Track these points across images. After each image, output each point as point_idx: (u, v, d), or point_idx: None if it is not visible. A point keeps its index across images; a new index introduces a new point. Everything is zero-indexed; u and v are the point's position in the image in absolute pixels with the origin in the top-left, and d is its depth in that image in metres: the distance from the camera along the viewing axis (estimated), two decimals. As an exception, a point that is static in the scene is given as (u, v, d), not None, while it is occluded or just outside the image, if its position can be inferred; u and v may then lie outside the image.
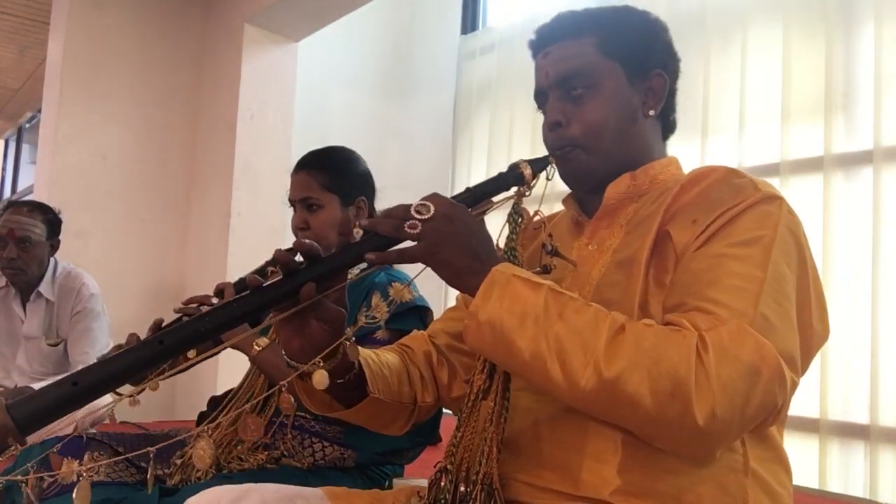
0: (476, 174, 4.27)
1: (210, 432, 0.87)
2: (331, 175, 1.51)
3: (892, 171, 2.56)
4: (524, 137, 3.92)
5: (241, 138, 3.66)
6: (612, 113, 0.92)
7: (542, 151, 0.96)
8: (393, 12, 4.38)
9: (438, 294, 3.76)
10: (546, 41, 0.97)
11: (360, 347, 0.91)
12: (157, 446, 0.75)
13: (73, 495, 0.69)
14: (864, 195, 2.60)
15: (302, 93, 3.89)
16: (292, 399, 0.79)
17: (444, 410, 1.55)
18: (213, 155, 3.84)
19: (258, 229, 3.63)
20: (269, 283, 0.77)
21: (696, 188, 0.86)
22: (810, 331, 0.80)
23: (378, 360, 0.93)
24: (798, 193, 2.74)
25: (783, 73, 2.84)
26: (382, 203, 1.62)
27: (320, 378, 0.80)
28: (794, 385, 0.75)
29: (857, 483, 2.55)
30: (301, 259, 0.80)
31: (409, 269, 1.48)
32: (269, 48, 3.77)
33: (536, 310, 0.74)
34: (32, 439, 1.50)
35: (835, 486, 2.58)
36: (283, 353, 0.85)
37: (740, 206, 0.81)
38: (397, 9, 4.40)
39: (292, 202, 1.53)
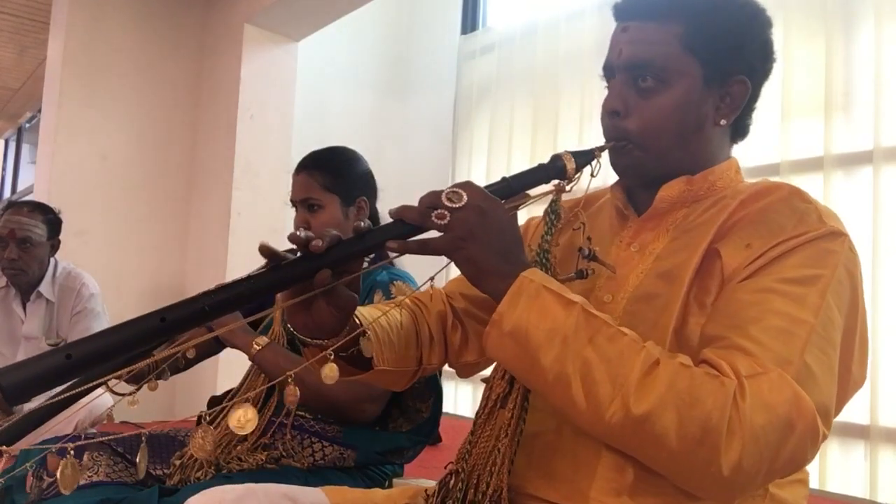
0: (476, 174, 4.27)
1: (206, 418, 0.85)
2: (331, 175, 1.51)
3: (892, 171, 2.57)
4: (524, 137, 3.92)
5: (241, 138, 3.66)
6: (676, 115, 0.83)
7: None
8: (393, 12, 4.38)
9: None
10: (629, 14, 0.86)
11: (364, 312, 0.86)
12: (149, 431, 0.74)
13: (58, 474, 0.65)
14: (864, 195, 2.61)
15: (302, 93, 3.89)
16: (297, 392, 0.76)
17: (444, 411, 1.55)
18: (213, 155, 3.84)
19: (258, 229, 3.63)
20: (286, 262, 0.72)
21: (755, 205, 0.80)
22: (848, 376, 0.76)
23: (386, 323, 0.88)
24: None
25: (783, 72, 2.84)
26: (382, 202, 1.62)
27: (329, 374, 0.76)
28: (825, 437, 0.71)
29: (857, 483, 2.55)
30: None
31: (415, 271, 1.48)
32: (269, 48, 3.77)
33: (566, 329, 0.70)
34: (31, 440, 1.50)
35: (835, 486, 2.58)
36: (288, 324, 0.81)
37: (801, 238, 0.74)
38: (397, 9, 4.41)
39: (294, 203, 1.54)
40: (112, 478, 1.33)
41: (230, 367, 2.87)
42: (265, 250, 0.72)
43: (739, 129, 0.92)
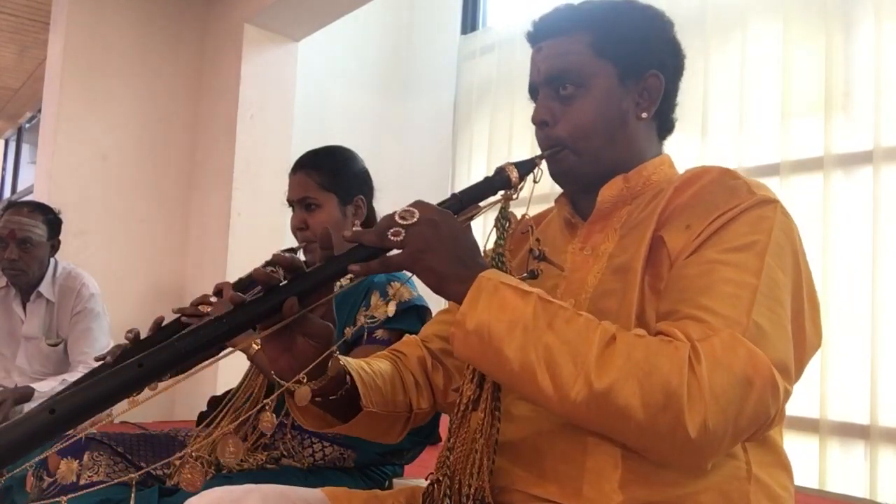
0: (476, 174, 4.27)
1: (200, 451, 0.86)
2: (328, 174, 1.51)
3: (892, 171, 2.56)
4: (524, 137, 3.92)
5: (241, 138, 3.66)
6: (600, 115, 0.89)
7: (540, 151, 0.95)
8: (393, 12, 4.38)
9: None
10: (540, 35, 0.94)
11: (349, 358, 0.89)
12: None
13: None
14: (864, 195, 2.61)
15: (302, 93, 3.89)
16: (274, 419, 0.77)
17: (444, 410, 1.55)
18: (213, 155, 3.84)
19: (258, 229, 3.63)
20: (251, 299, 0.75)
21: (689, 190, 0.84)
22: (803, 336, 0.78)
23: (370, 370, 0.91)
24: (798, 193, 2.74)
25: (783, 72, 2.84)
26: (381, 202, 1.62)
27: (302, 395, 0.79)
28: (788, 394, 0.73)
29: (857, 483, 2.55)
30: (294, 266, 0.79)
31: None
32: (269, 48, 3.77)
33: (525, 319, 0.72)
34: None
35: (835, 486, 2.58)
36: (272, 371, 0.83)
37: (734, 210, 0.79)
38: (397, 9, 4.41)
39: (290, 202, 1.54)
40: (112, 478, 1.33)
41: (230, 368, 2.86)
42: (234, 297, 0.75)
43: (665, 124, 0.97)
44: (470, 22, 4.67)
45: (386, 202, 1.64)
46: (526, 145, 3.86)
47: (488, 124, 4.25)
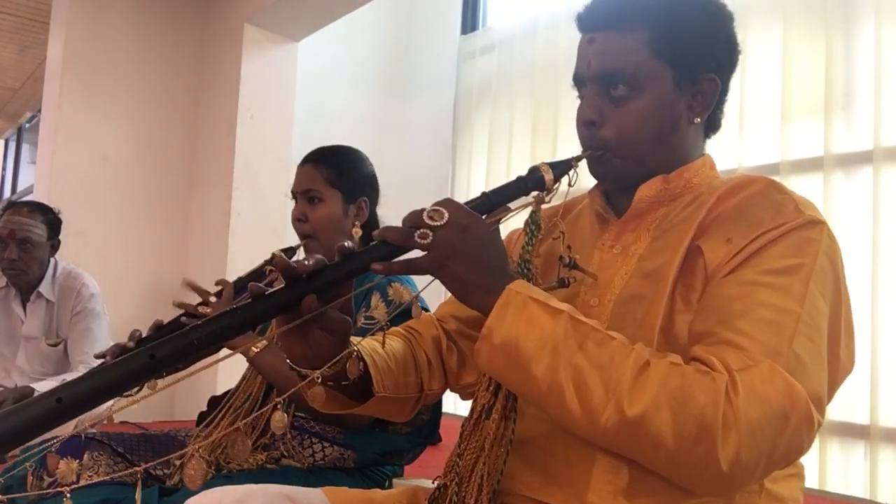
0: (476, 174, 4.27)
1: (200, 451, 0.86)
2: (336, 171, 1.51)
3: (892, 171, 2.56)
4: (524, 137, 3.92)
5: (241, 138, 3.66)
6: (651, 120, 0.85)
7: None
8: (393, 12, 4.38)
9: (439, 295, 3.76)
10: (594, 25, 0.87)
11: (363, 341, 0.88)
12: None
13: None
14: (864, 195, 2.61)
15: (302, 93, 3.89)
16: (286, 418, 0.76)
17: (444, 410, 1.55)
18: (213, 155, 3.84)
19: (258, 229, 3.63)
20: (270, 292, 0.73)
21: (732, 200, 0.80)
22: (836, 362, 0.76)
23: (383, 352, 0.90)
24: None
25: (783, 72, 2.84)
26: (383, 205, 1.62)
27: (316, 395, 0.78)
28: (819, 425, 0.71)
29: (858, 483, 2.55)
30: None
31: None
32: (269, 48, 3.77)
33: (555, 338, 0.70)
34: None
35: (835, 486, 2.58)
36: (287, 359, 0.82)
37: (780, 229, 0.75)
38: (397, 9, 4.41)
39: (294, 194, 1.53)
40: (113, 478, 1.33)
41: (230, 368, 2.86)
42: (253, 288, 0.72)
43: (712, 124, 0.93)
44: (470, 22, 4.67)
45: (385, 202, 1.64)
46: (526, 145, 3.86)
47: (488, 124, 4.25)
